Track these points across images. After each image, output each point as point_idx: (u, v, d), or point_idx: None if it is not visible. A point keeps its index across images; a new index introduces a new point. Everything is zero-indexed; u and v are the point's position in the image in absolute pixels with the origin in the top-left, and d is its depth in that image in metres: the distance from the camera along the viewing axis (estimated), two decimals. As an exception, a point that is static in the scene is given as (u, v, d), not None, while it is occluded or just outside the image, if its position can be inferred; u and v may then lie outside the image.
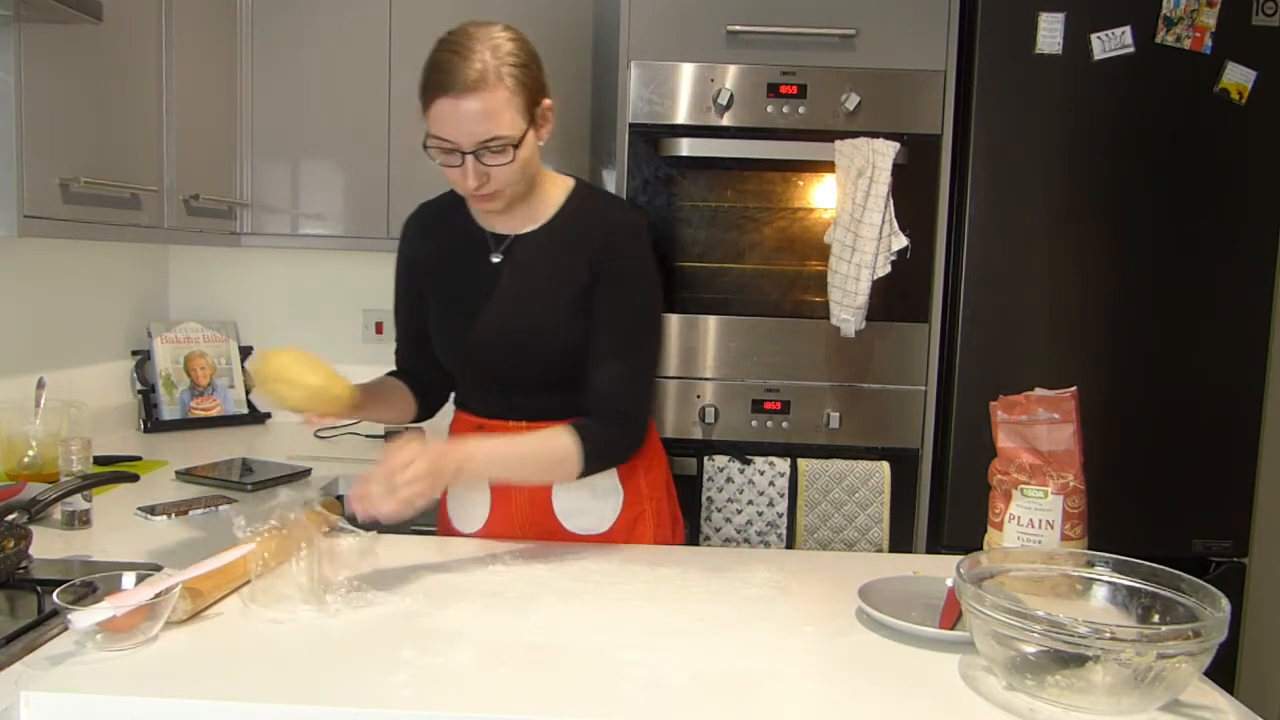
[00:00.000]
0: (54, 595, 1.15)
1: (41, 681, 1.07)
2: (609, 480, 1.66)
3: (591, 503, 1.66)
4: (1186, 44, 2.24)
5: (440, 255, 1.67)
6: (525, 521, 1.65)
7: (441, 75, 1.43)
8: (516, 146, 1.46)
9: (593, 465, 1.54)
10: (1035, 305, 2.31)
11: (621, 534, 1.68)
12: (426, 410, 1.77)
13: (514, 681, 1.12)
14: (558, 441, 1.51)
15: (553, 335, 1.58)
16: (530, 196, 1.59)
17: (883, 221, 2.22)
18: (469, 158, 1.45)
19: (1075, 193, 2.29)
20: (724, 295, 2.37)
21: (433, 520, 2.17)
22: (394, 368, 1.80)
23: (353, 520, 1.42)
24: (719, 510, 2.28)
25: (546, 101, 1.52)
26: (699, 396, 2.36)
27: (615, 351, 1.57)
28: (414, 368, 1.77)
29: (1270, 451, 2.38)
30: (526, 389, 1.63)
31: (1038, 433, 1.44)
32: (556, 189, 1.64)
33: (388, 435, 2.66)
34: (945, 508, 2.34)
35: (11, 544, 1.35)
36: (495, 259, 1.62)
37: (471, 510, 1.70)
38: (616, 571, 1.48)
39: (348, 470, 2.26)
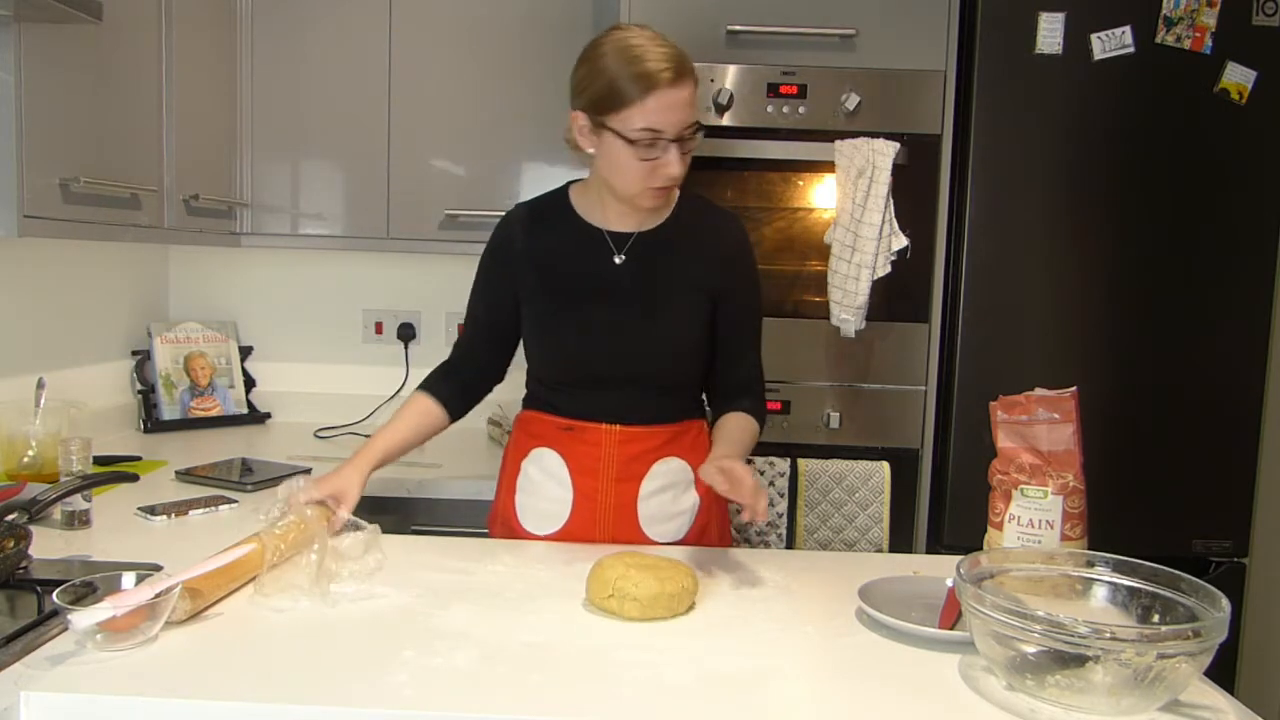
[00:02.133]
0: (54, 595, 1.15)
1: (41, 681, 1.07)
2: (688, 488, 1.70)
3: (673, 509, 1.69)
4: (1186, 44, 2.24)
5: (556, 252, 1.68)
6: (609, 525, 1.67)
7: (656, 65, 1.49)
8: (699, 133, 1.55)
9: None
10: (1035, 305, 2.30)
11: (692, 543, 1.71)
12: (458, 414, 1.77)
13: (514, 681, 1.12)
14: (751, 426, 1.69)
15: (684, 337, 1.65)
16: None
17: (883, 221, 2.22)
18: (674, 145, 1.51)
19: (1075, 193, 2.28)
20: (724, 295, 2.36)
21: (449, 520, 2.18)
22: (422, 385, 1.78)
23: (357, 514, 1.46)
24: (719, 510, 2.27)
25: None
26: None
27: (751, 346, 1.75)
28: (464, 364, 1.78)
29: (1270, 451, 2.38)
30: (631, 389, 1.65)
31: (1038, 433, 1.44)
32: None
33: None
34: (945, 508, 2.34)
35: (11, 544, 1.35)
36: (618, 259, 1.65)
37: (551, 511, 1.69)
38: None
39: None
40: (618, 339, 1.64)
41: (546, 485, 1.69)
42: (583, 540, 1.65)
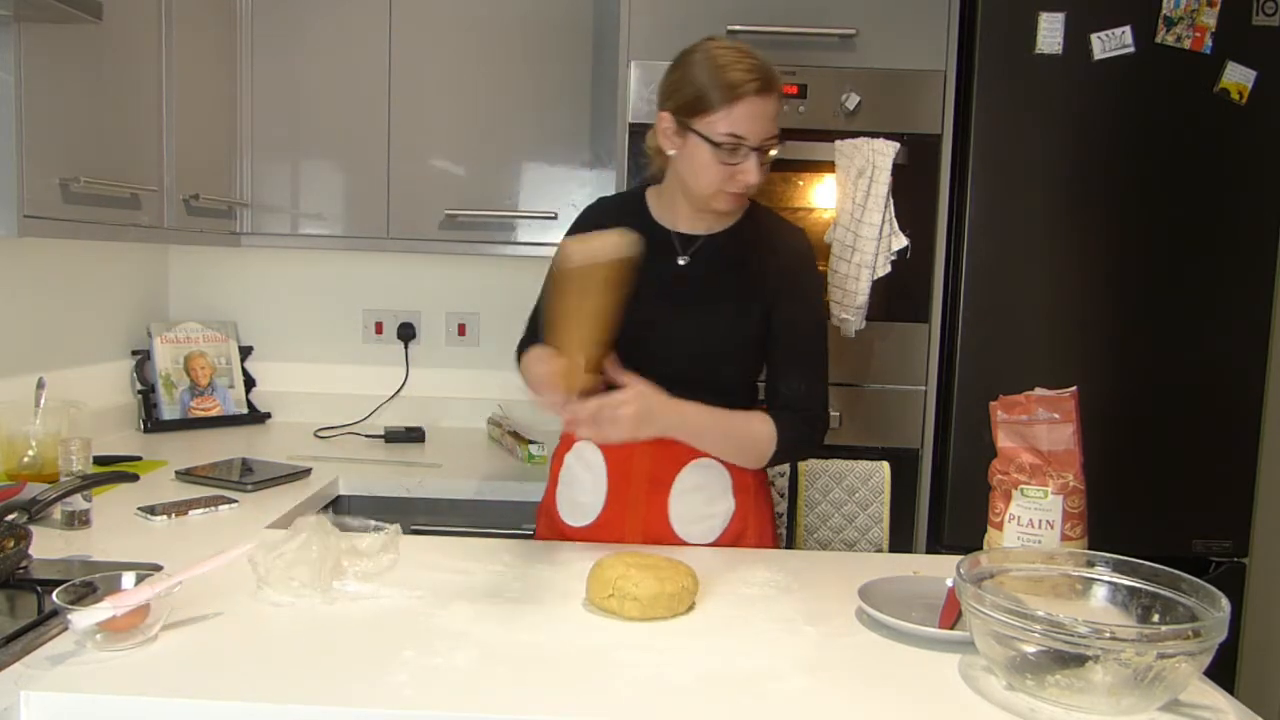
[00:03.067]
0: (54, 595, 1.15)
1: (41, 681, 1.07)
2: (724, 492, 1.69)
3: (706, 511, 1.69)
4: (1186, 44, 2.24)
5: None
6: (639, 522, 1.67)
7: (746, 75, 1.53)
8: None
9: (782, 456, 1.66)
10: (1035, 305, 2.30)
11: (726, 546, 1.70)
12: None
13: (514, 681, 1.12)
14: (759, 425, 1.63)
15: (728, 342, 1.66)
16: None
17: (883, 221, 2.22)
18: (754, 154, 1.56)
19: (1075, 193, 2.28)
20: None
21: (449, 520, 2.19)
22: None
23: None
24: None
25: None
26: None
27: (804, 359, 1.69)
28: None
29: (1270, 451, 2.38)
30: (670, 387, 1.64)
31: (1038, 433, 1.44)
32: None
33: (387, 437, 2.67)
34: (945, 508, 2.34)
35: (11, 544, 1.36)
36: (682, 260, 1.69)
37: (585, 504, 1.71)
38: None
39: (348, 470, 2.26)
40: (664, 336, 1.65)
41: (584, 478, 1.72)
42: (614, 534, 1.66)
